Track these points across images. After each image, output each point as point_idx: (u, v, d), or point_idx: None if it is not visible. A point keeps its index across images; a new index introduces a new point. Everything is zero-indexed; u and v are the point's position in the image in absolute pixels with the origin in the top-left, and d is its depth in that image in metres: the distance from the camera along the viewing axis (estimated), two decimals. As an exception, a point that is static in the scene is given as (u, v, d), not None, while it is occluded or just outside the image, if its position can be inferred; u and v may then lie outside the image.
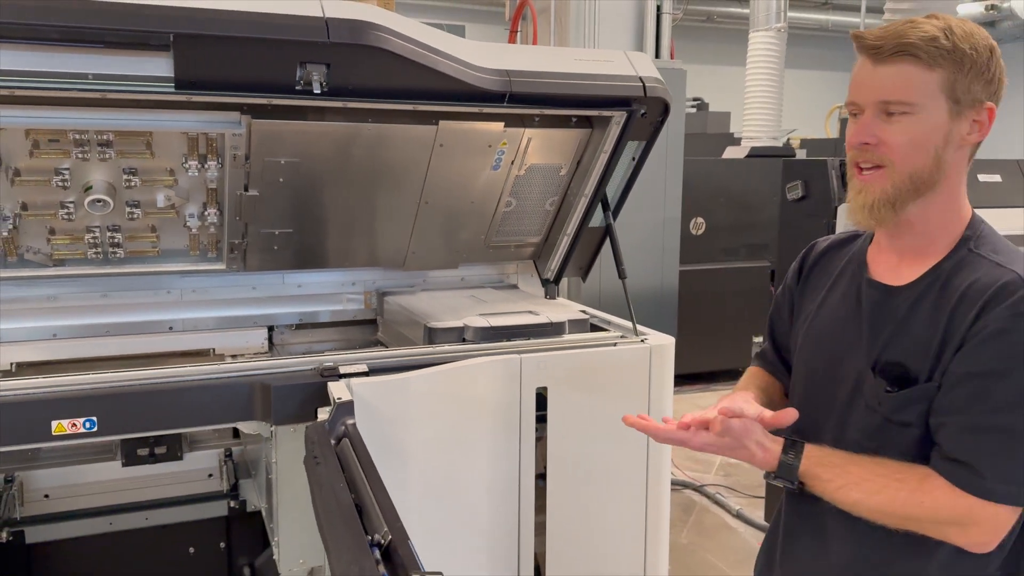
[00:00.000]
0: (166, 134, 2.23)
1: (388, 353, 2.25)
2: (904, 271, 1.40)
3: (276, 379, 2.05)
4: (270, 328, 2.85)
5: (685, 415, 1.45)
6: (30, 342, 2.53)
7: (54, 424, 1.89)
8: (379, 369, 2.13)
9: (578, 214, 2.76)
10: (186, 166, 2.29)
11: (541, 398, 2.31)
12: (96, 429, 1.92)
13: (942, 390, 1.30)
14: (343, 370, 2.07)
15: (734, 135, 8.93)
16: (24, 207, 2.29)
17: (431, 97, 2.23)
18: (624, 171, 2.70)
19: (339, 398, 1.90)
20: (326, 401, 2.02)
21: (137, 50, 1.90)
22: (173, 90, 1.97)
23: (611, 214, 2.74)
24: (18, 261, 2.41)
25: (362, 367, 2.11)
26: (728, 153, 7.37)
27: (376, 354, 2.24)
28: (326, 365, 2.09)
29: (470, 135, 2.46)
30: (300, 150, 2.34)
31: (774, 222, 6.10)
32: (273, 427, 2.06)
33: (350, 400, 1.90)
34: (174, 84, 1.96)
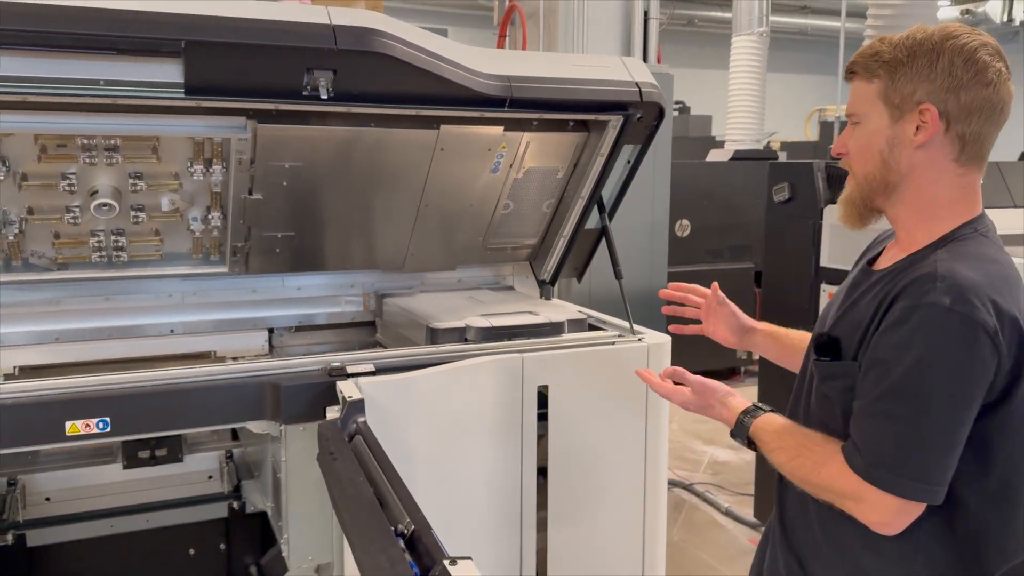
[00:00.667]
0: (172, 139, 2.26)
1: (393, 353, 2.29)
2: (887, 261, 1.50)
3: (285, 379, 2.09)
4: (270, 331, 2.88)
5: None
6: (32, 346, 2.55)
7: (68, 425, 1.92)
8: (385, 368, 2.17)
9: (574, 216, 2.82)
10: (191, 170, 2.32)
11: (542, 396, 2.37)
12: (109, 429, 1.95)
13: (860, 374, 1.39)
14: (351, 369, 2.11)
15: (716, 138, 9.04)
16: (30, 211, 2.31)
17: (434, 102, 2.28)
18: (620, 174, 2.76)
19: (349, 397, 1.94)
20: (334, 400, 2.06)
21: (148, 56, 1.93)
22: (183, 96, 2.00)
23: (607, 216, 2.80)
24: (22, 265, 2.43)
25: (369, 367, 2.15)
26: (712, 156, 7.47)
27: (382, 354, 2.28)
28: (334, 365, 2.13)
29: (470, 139, 2.51)
30: (304, 154, 2.38)
31: (757, 224, 6.20)
32: (283, 426, 2.09)
33: (361, 398, 1.94)
34: (184, 90, 1.99)
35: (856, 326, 1.42)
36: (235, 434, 2.86)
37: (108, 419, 1.94)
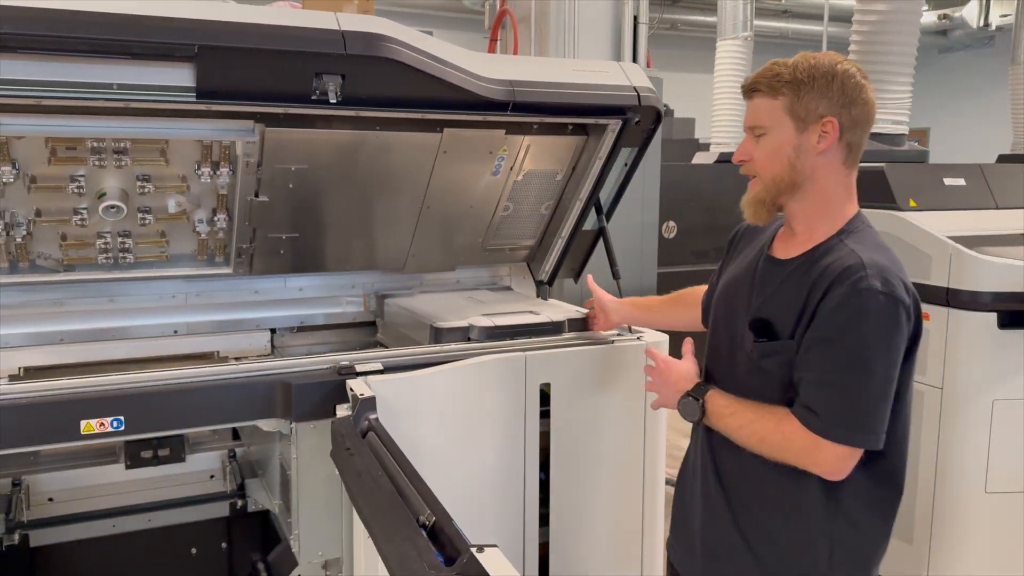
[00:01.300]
0: (181, 142, 2.29)
1: (400, 352, 2.33)
2: (791, 250, 1.75)
3: (296, 378, 2.13)
4: (272, 331, 2.91)
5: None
6: (37, 346, 2.57)
7: (83, 424, 1.95)
8: (393, 367, 2.21)
9: (573, 218, 2.88)
10: (199, 173, 2.35)
11: (543, 394, 2.42)
12: (123, 428, 1.98)
13: (800, 351, 1.64)
14: (360, 368, 2.15)
15: (699, 141, 9.13)
16: (38, 213, 2.33)
17: (438, 106, 2.32)
18: (617, 176, 2.82)
19: (361, 394, 1.98)
20: (343, 398, 2.10)
21: (162, 61, 1.97)
22: (194, 100, 2.04)
23: (604, 217, 2.86)
24: (29, 267, 2.45)
25: (377, 365, 2.19)
26: (697, 159, 7.55)
27: (388, 353, 2.32)
28: (343, 364, 2.17)
29: (473, 142, 2.56)
30: (310, 157, 2.42)
31: (743, 225, 6.26)
32: (293, 424, 2.13)
33: (372, 396, 1.98)
34: (195, 94, 2.03)
35: (787, 309, 1.67)
36: (236, 433, 2.89)
37: (122, 418, 1.97)
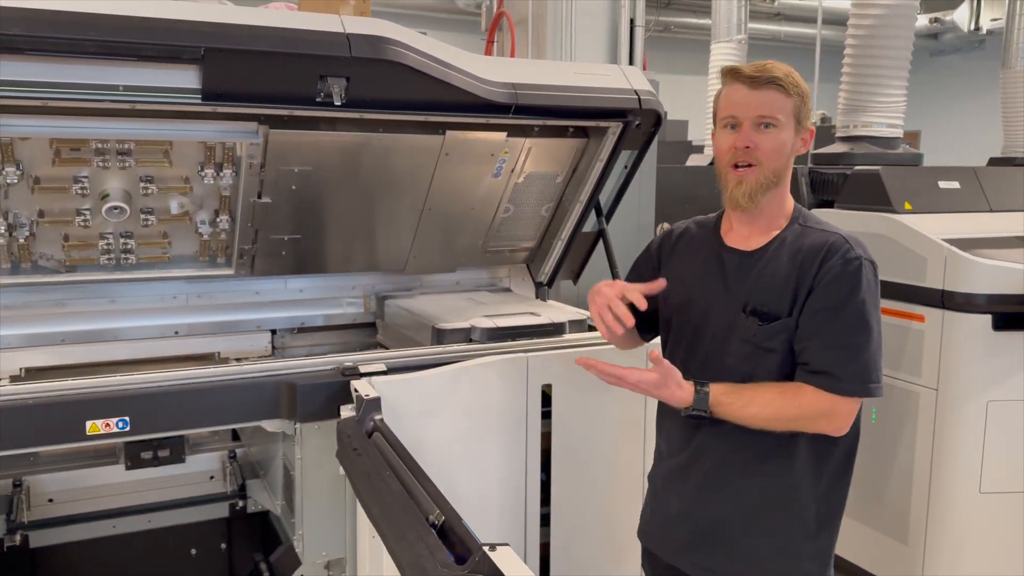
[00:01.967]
0: (184, 143, 2.30)
1: (403, 353, 2.34)
2: (753, 241, 1.88)
3: (300, 379, 2.14)
4: (272, 332, 2.92)
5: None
6: (39, 347, 2.57)
7: (88, 424, 1.95)
8: (396, 368, 2.22)
9: (573, 220, 2.89)
10: (202, 174, 2.36)
11: (545, 395, 2.43)
12: (129, 428, 1.99)
13: (801, 323, 1.77)
14: (363, 369, 2.17)
15: (692, 143, 9.16)
16: (41, 214, 2.33)
17: (441, 108, 2.34)
18: (617, 178, 2.84)
19: (366, 395, 1.99)
20: (347, 399, 2.11)
21: (168, 63, 1.97)
22: (199, 101, 2.05)
23: (604, 219, 2.88)
24: (31, 267, 2.45)
25: (380, 366, 2.20)
26: (692, 161, 7.57)
27: (392, 354, 2.34)
28: (347, 365, 2.18)
29: (475, 144, 2.58)
30: (313, 159, 2.43)
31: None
32: (297, 425, 2.14)
33: (377, 397, 2.00)
34: (201, 96, 2.04)
35: (778, 291, 1.80)
36: (235, 434, 2.90)
37: (128, 418, 1.98)
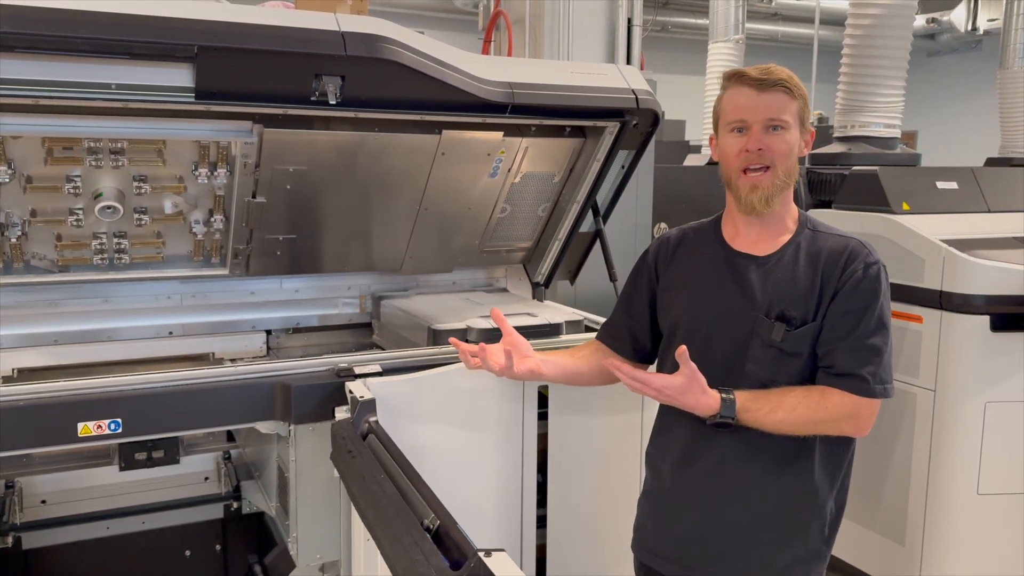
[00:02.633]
0: (178, 142, 2.28)
1: (398, 354, 2.33)
2: (763, 246, 1.86)
3: (295, 379, 2.12)
4: (267, 332, 2.90)
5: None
6: (32, 348, 2.55)
7: (80, 426, 1.93)
8: (391, 369, 2.20)
9: (570, 220, 2.88)
10: (196, 173, 2.34)
11: (542, 396, 2.42)
12: (121, 430, 1.97)
13: (826, 326, 1.77)
14: (358, 370, 2.15)
15: (689, 143, 9.15)
16: (33, 213, 2.31)
17: (437, 108, 2.32)
18: (614, 178, 2.83)
19: (361, 397, 1.97)
20: (342, 401, 2.10)
21: (161, 61, 1.96)
22: (193, 100, 2.03)
23: (601, 219, 2.86)
24: (23, 267, 2.43)
25: (375, 367, 2.18)
26: (689, 161, 7.56)
27: (387, 355, 2.32)
28: (342, 366, 2.16)
29: (471, 144, 2.56)
30: (308, 159, 2.41)
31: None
32: (292, 426, 2.12)
33: (372, 398, 1.98)
34: (194, 94, 2.02)
35: (804, 295, 1.79)
36: (230, 435, 2.88)
37: (120, 420, 1.96)
